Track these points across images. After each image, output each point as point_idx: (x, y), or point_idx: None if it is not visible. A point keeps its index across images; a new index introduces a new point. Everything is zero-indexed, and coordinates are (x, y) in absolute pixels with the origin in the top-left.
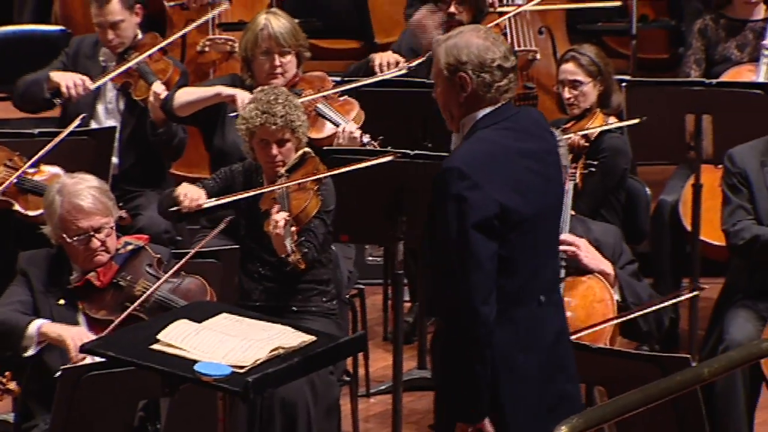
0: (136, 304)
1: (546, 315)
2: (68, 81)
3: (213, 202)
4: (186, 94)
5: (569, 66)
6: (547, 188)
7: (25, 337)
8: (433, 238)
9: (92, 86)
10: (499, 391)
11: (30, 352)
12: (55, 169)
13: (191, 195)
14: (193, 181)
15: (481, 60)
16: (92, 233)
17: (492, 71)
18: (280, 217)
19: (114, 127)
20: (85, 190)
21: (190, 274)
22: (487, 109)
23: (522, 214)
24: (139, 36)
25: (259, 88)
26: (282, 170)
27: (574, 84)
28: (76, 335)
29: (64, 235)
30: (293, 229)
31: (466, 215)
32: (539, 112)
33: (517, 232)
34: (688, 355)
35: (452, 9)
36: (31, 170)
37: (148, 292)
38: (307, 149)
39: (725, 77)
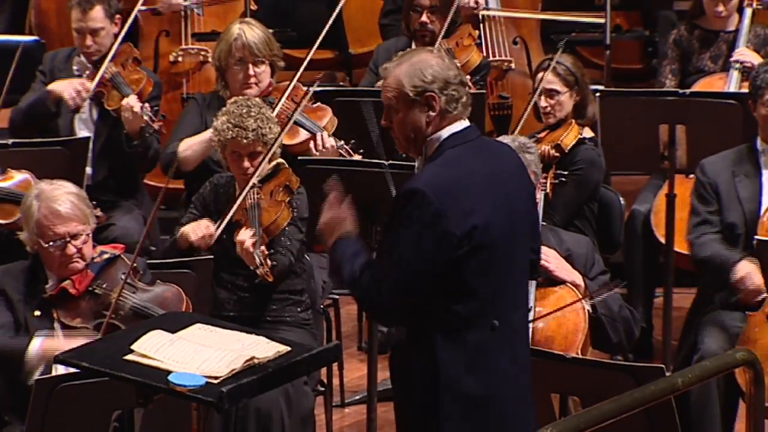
0: (110, 312)
1: (500, 340)
2: (69, 90)
3: (219, 227)
4: (188, 149)
5: (547, 75)
6: (510, 213)
7: (27, 360)
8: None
9: (91, 86)
10: (439, 413)
11: (36, 376)
12: (24, 175)
13: (200, 232)
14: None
15: (445, 77)
16: (68, 239)
17: (457, 87)
18: (245, 236)
19: (88, 138)
20: (64, 195)
21: (165, 282)
22: (452, 129)
23: (481, 241)
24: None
25: (232, 100)
26: (254, 180)
27: (551, 93)
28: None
29: (40, 240)
30: (262, 243)
31: (422, 240)
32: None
33: (475, 258)
34: (662, 365)
35: (424, 18)
36: None
37: (130, 299)
38: (280, 160)
39: (697, 87)
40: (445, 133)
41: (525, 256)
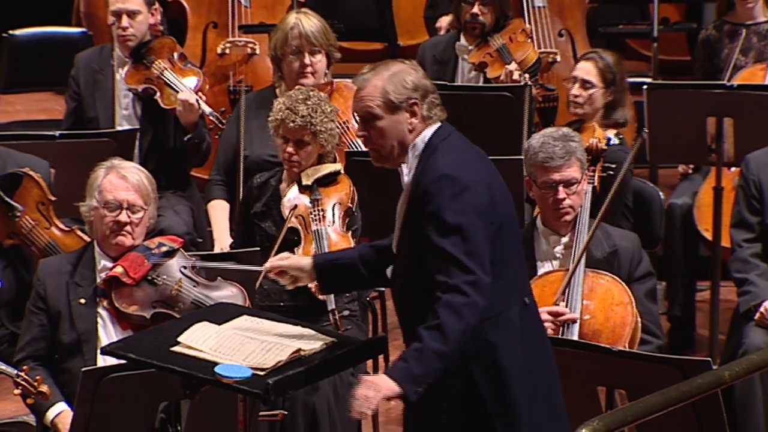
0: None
1: (532, 317)
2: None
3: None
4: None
5: (586, 65)
6: (507, 192)
7: (45, 419)
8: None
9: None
10: (506, 395)
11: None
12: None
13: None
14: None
15: (424, 86)
16: (126, 207)
17: (435, 95)
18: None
19: (135, 130)
20: (134, 168)
21: (227, 280)
22: (432, 128)
23: (502, 216)
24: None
25: (297, 87)
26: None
27: (585, 84)
28: None
29: (97, 204)
30: None
31: (467, 207)
32: None
33: (501, 233)
34: (709, 359)
35: (476, 9)
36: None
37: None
38: (339, 167)
39: (737, 79)
40: (428, 133)
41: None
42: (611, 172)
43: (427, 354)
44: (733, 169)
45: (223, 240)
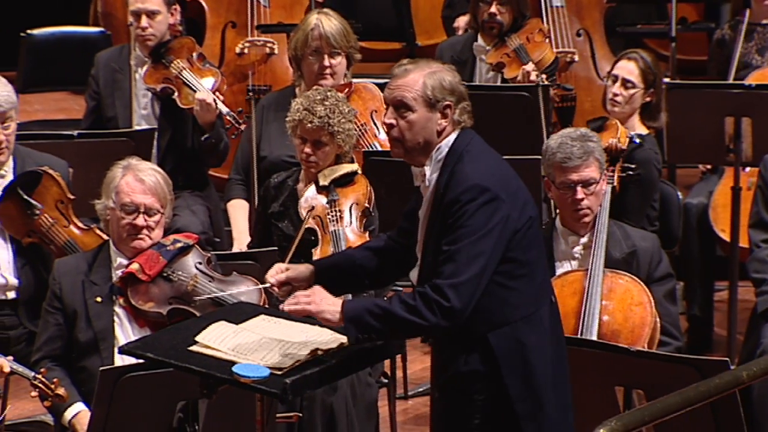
0: (189, 299)
1: (557, 314)
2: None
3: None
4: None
5: (629, 64)
6: (530, 194)
7: (63, 419)
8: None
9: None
10: (537, 395)
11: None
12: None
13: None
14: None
15: (460, 91)
16: (143, 211)
17: (468, 101)
18: None
19: (153, 129)
20: (151, 170)
21: (242, 275)
22: (455, 133)
23: (533, 216)
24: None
25: (315, 87)
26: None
27: (626, 84)
28: None
29: (113, 205)
30: None
31: (493, 218)
32: None
33: (530, 234)
34: (727, 359)
35: (493, 9)
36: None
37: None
38: (356, 167)
39: (751, 79)
40: (452, 138)
41: None
42: (630, 172)
43: (389, 317)
44: (747, 169)
45: (242, 239)
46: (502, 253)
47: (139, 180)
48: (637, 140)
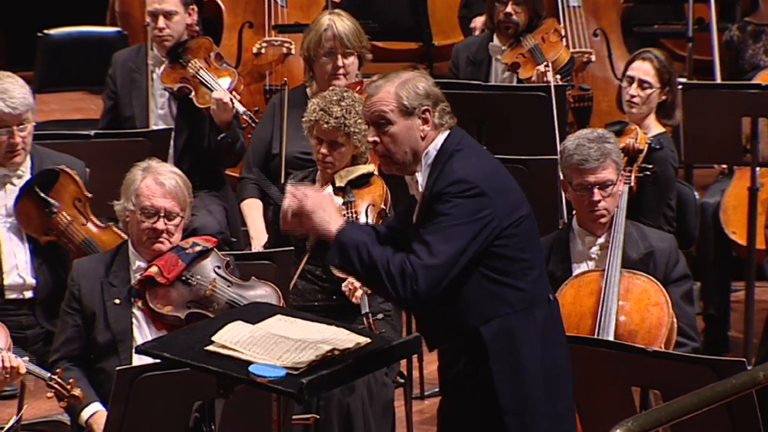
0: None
1: (555, 312)
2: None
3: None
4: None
5: (644, 65)
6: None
7: (80, 419)
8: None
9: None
10: (523, 391)
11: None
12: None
13: None
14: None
15: (436, 94)
16: (163, 214)
17: (445, 102)
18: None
19: (170, 129)
20: (170, 173)
21: (261, 279)
22: (443, 135)
23: (527, 213)
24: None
25: (331, 88)
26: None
27: (643, 84)
28: None
29: (133, 208)
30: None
31: (476, 212)
32: None
33: (527, 230)
34: (744, 359)
35: (509, 9)
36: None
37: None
38: (372, 168)
39: (757, 80)
40: (439, 140)
41: None
42: (648, 173)
43: (371, 267)
44: (756, 170)
45: (261, 238)
46: (487, 248)
47: (160, 183)
48: (657, 146)
